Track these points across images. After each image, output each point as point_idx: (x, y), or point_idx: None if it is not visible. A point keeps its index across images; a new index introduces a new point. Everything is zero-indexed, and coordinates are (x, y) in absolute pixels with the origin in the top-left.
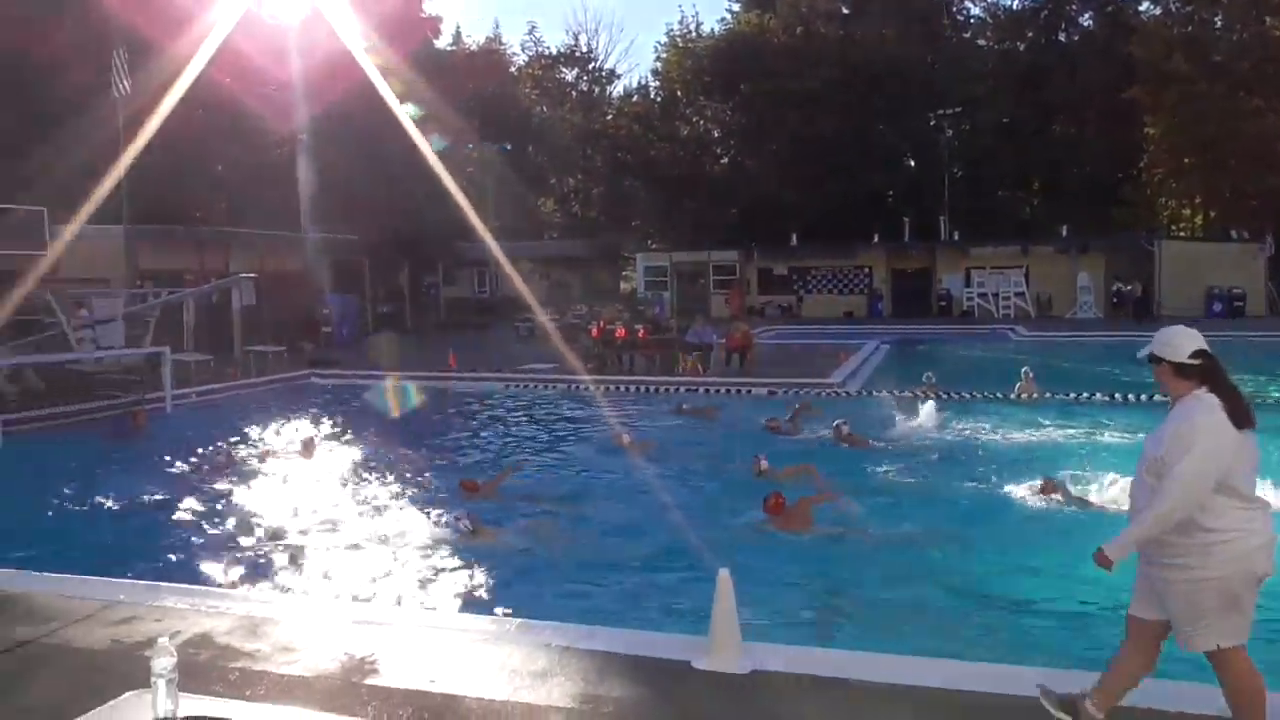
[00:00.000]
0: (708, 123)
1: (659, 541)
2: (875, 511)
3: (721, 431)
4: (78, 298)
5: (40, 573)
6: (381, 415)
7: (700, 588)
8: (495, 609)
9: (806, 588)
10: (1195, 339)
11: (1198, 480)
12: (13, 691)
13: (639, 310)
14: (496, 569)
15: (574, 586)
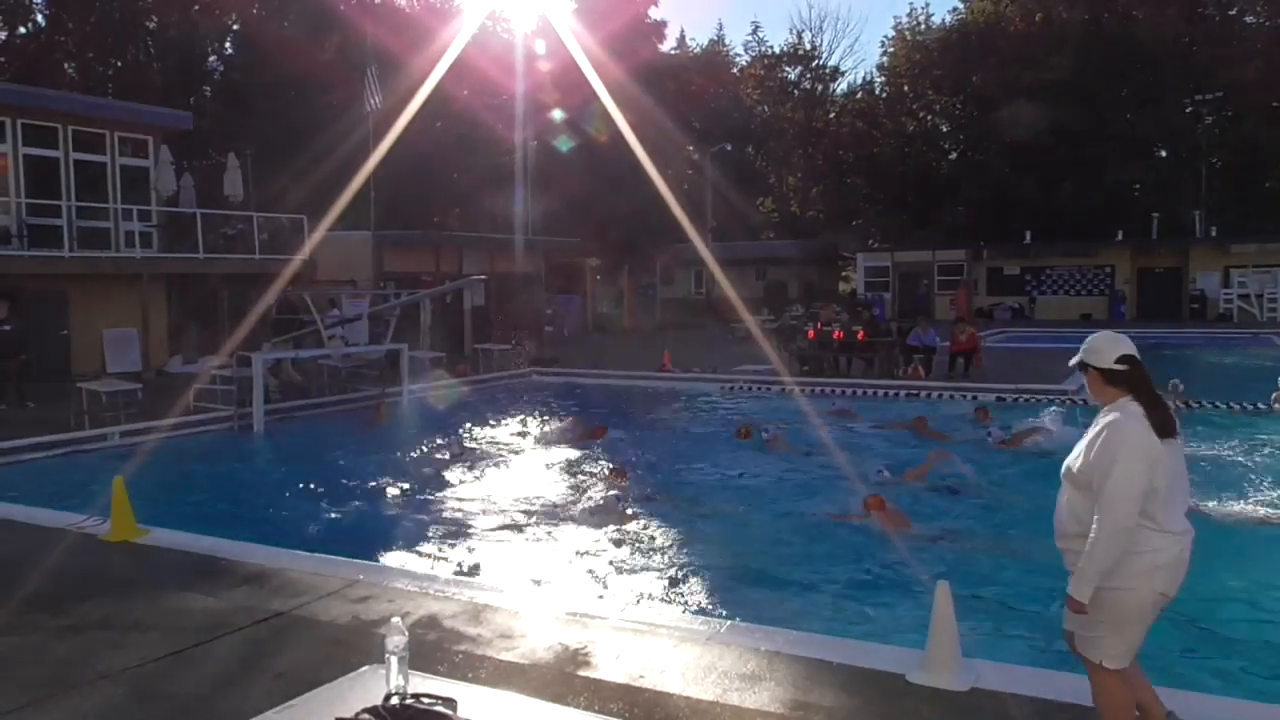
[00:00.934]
0: (935, 117)
1: (868, 547)
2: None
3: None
4: (330, 297)
5: (293, 550)
6: (602, 412)
7: (911, 597)
8: (705, 610)
9: (1027, 604)
10: (1123, 345)
11: (1128, 493)
12: (269, 656)
13: (857, 311)
14: (706, 569)
15: (782, 590)
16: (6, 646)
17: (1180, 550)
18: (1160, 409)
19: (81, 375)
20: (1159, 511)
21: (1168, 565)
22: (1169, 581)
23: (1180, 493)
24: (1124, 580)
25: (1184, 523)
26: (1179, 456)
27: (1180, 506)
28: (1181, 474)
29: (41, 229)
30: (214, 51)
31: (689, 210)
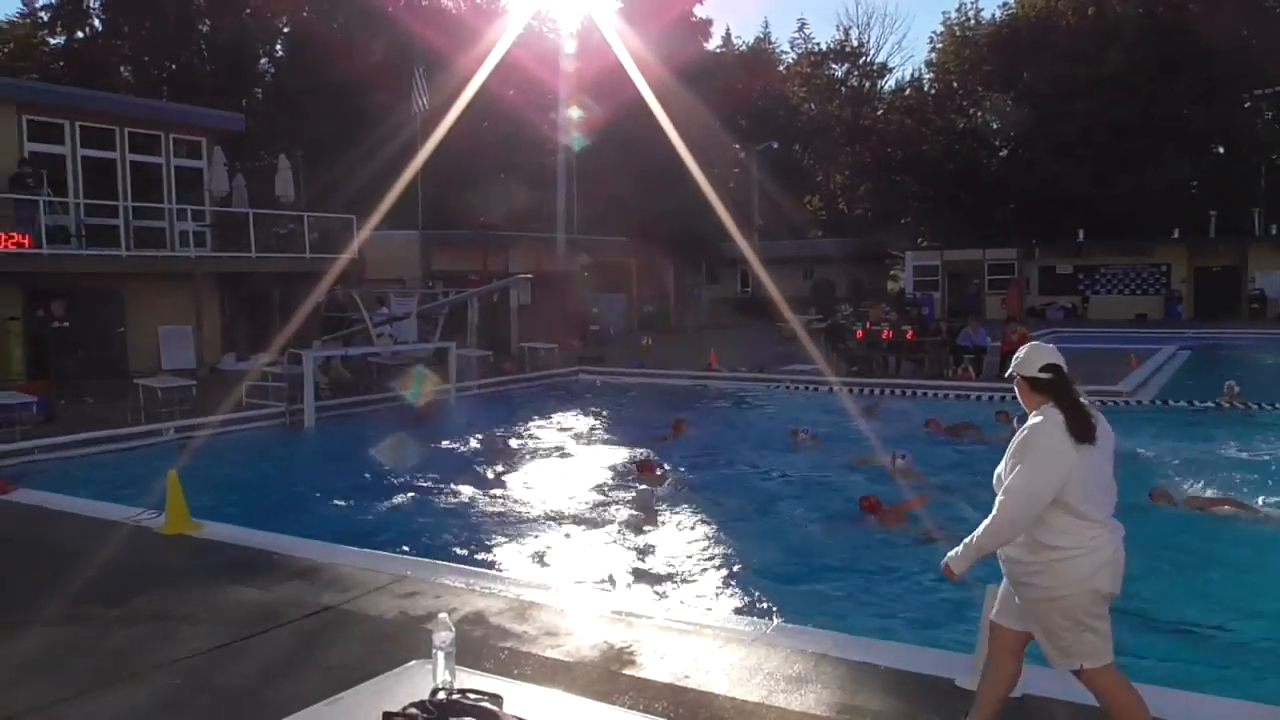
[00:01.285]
0: (985, 114)
1: (915, 549)
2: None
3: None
4: (379, 296)
5: (343, 546)
6: (647, 410)
7: (960, 599)
8: (751, 610)
9: None
10: (1048, 354)
11: (1025, 494)
12: (319, 648)
13: (906, 311)
14: (752, 569)
15: (828, 591)
16: (65, 636)
17: (1114, 549)
18: (1079, 415)
19: (138, 372)
20: (1090, 511)
21: (1109, 562)
22: (1111, 580)
23: (1106, 493)
24: (1058, 588)
25: (1106, 522)
26: (1103, 458)
27: (1105, 506)
28: (1107, 475)
29: (99, 229)
30: (265, 54)
31: (734, 209)
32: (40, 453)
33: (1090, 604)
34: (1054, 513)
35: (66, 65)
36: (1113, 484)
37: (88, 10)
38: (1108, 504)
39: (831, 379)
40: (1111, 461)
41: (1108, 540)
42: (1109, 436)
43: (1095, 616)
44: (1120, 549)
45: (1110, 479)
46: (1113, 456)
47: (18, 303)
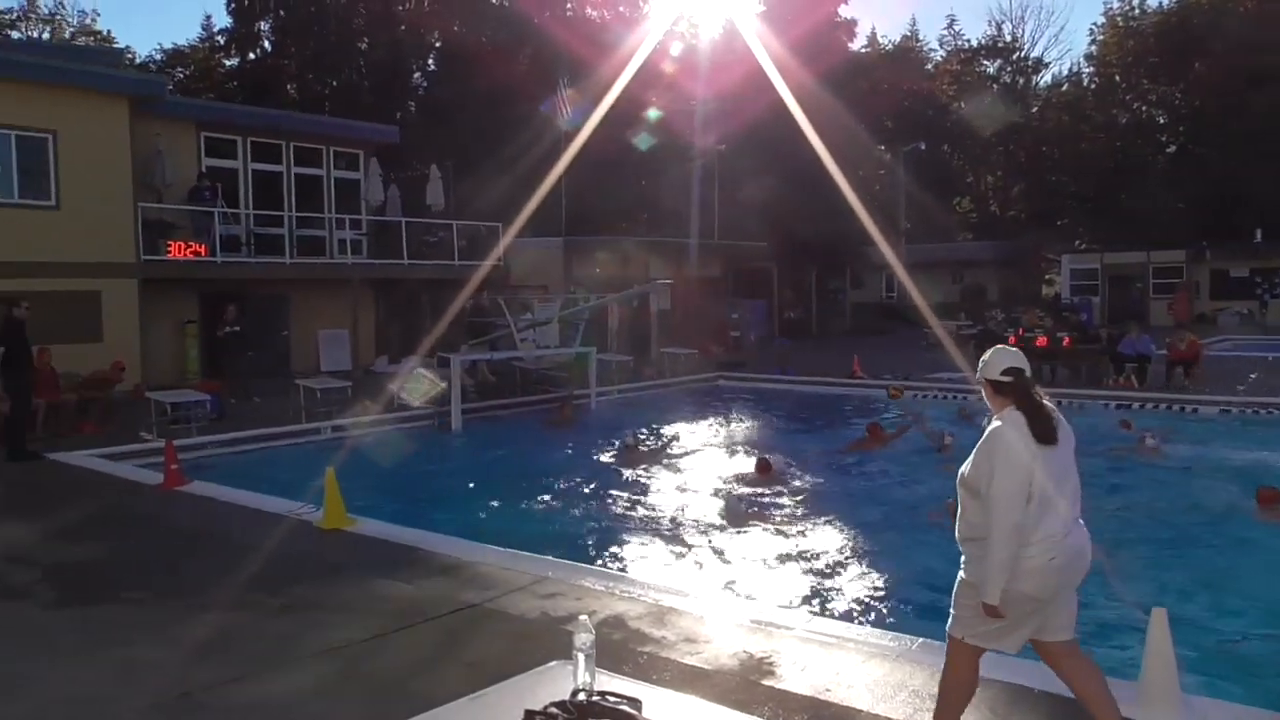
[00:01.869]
0: (1151, 108)
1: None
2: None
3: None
4: (523, 301)
5: (486, 545)
6: (790, 418)
7: (1121, 622)
8: (895, 624)
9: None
10: (1011, 358)
11: (1009, 496)
12: (461, 645)
13: (1063, 316)
14: (897, 582)
15: None
16: (233, 621)
17: (1049, 557)
18: (1040, 418)
19: (299, 372)
20: (1040, 516)
21: (1036, 570)
22: (1037, 585)
23: (1060, 494)
24: (1026, 581)
25: (1057, 526)
26: (1063, 459)
27: (1057, 509)
28: (1065, 476)
29: (266, 238)
30: (417, 68)
31: (879, 212)
32: (212, 448)
33: (1019, 601)
34: (1041, 506)
35: (239, 85)
36: (1072, 482)
37: (259, 33)
38: (1065, 506)
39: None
40: (1070, 460)
41: (1042, 551)
42: (1069, 437)
43: (1019, 610)
44: (1057, 559)
45: (1069, 478)
46: (1071, 456)
47: (194, 308)
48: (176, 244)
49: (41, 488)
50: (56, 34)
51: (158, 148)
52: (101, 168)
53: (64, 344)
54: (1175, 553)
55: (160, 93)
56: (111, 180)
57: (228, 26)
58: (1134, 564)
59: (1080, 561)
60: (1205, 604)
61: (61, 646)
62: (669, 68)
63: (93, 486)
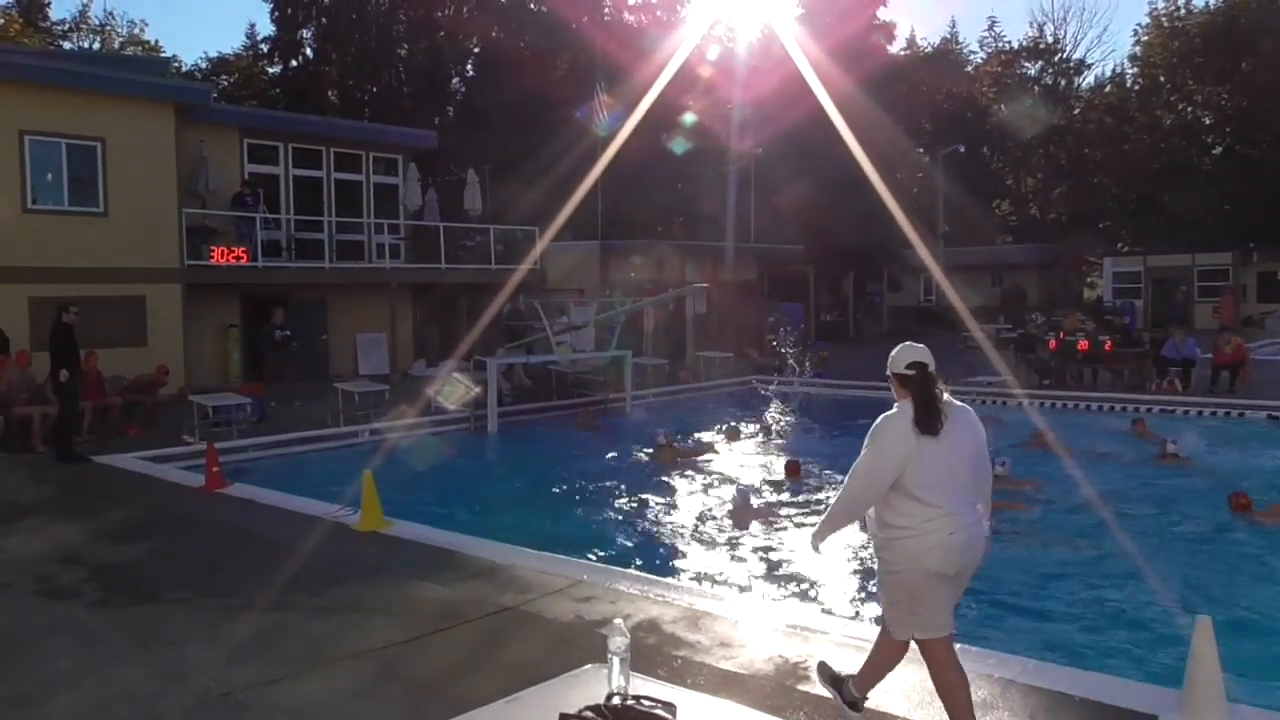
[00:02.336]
0: (1197, 109)
1: (1112, 570)
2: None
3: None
4: (559, 305)
5: (521, 548)
6: (825, 422)
7: (1165, 627)
8: None
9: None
10: (915, 353)
11: (865, 476)
12: (498, 647)
13: (1106, 320)
14: None
15: (1017, 613)
16: (273, 622)
17: (949, 531)
18: (927, 410)
19: (338, 376)
20: (927, 496)
21: (937, 545)
22: (942, 560)
23: (949, 482)
24: (896, 564)
25: (953, 507)
26: (952, 451)
27: (947, 494)
28: (953, 466)
29: (306, 242)
30: (456, 73)
31: (918, 215)
32: (252, 451)
33: (923, 581)
34: (896, 495)
35: (281, 91)
36: (963, 474)
37: (301, 41)
38: (952, 491)
39: (1019, 391)
40: (965, 454)
41: (942, 525)
42: (969, 433)
43: (928, 594)
44: (958, 533)
45: (960, 470)
46: (970, 450)
47: (236, 312)
48: (219, 249)
49: (88, 489)
50: (106, 44)
51: (202, 154)
52: (148, 174)
53: (109, 348)
54: (1215, 559)
55: (205, 100)
56: (157, 187)
57: (271, 35)
58: (1175, 571)
59: (977, 550)
60: (1250, 611)
61: (107, 646)
62: (706, 72)
63: (137, 488)
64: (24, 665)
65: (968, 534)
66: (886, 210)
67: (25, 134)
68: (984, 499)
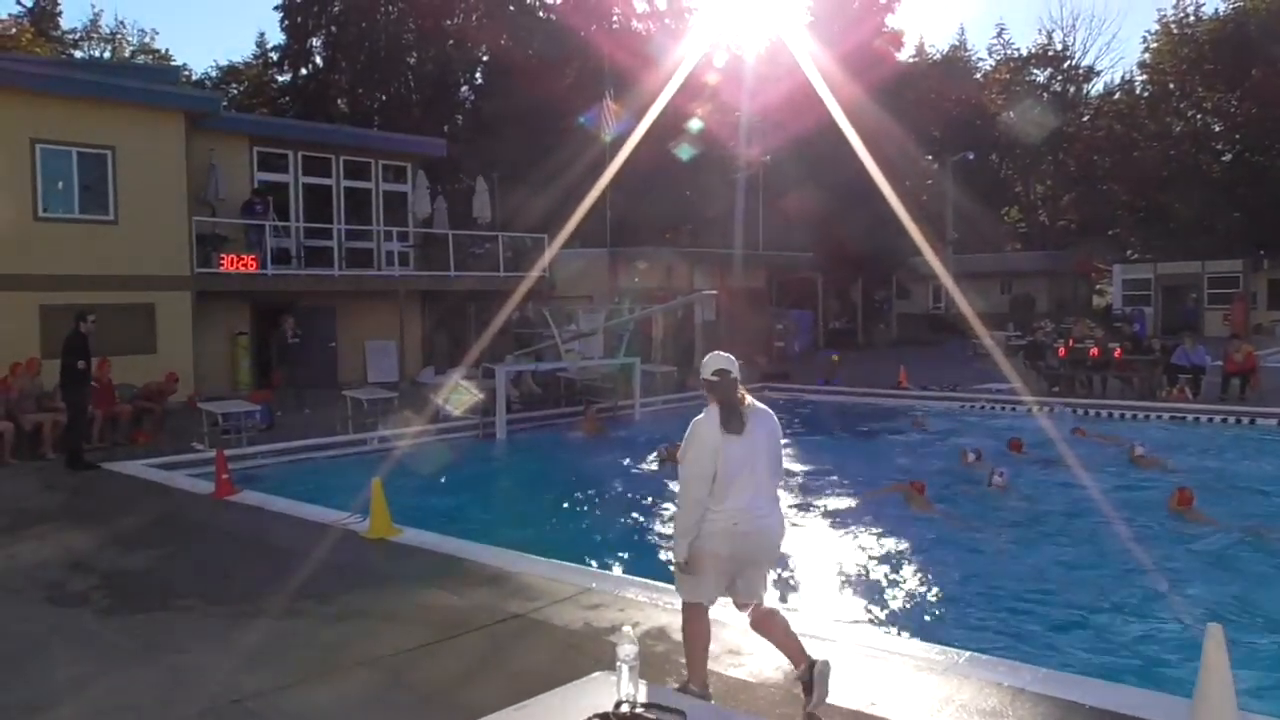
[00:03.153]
0: (1207, 116)
1: (1124, 578)
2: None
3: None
4: (568, 312)
5: (530, 555)
6: (835, 429)
7: (1177, 637)
8: (942, 638)
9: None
10: (721, 361)
11: (691, 480)
12: (506, 656)
13: (1115, 327)
14: (944, 595)
15: (1026, 621)
16: (283, 629)
17: (733, 523)
18: (730, 413)
19: (346, 383)
20: (725, 489)
21: (719, 533)
22: (721, 545)
23: (746, 477)
24: (701, 541)
25: (742, 501)
26: (752, 448)
27: (742, 488)
28: (747, 462)
29: (316, 250)
30: (465, 81)
31: (926, 222)
32: (261, 458)
33: (709, 560)
34: (725, 485)
35: (291, 100)
36: (760, 469)
37: (311, 49)
38: (747, 486)
39: (1029, 398)
40: (762, 451)
41: (727, 518)
42: (767, 432)
43: (710, 568)
44: (741, 525)
45: (758, 465)
46: (766, 448)
47: (246, 319)
48: (229, 257)
49: (98, 496)
50: (117, 53)
51: (212, 162)
52: (158, 183)
53: (119, 355)
54: (1227, 567)
55: (215, 108)
56: (167, 195)
57: (281, 43)
58: (1185, 578)
59: (765, 536)
60: (1262, 618)
61: (116, 652)
62: (714, 80)
63: (147, 495)
64: (34, 672)
65: (753, 526)
66: (895, 218)
67: (36, 142)
68: (773, 485)
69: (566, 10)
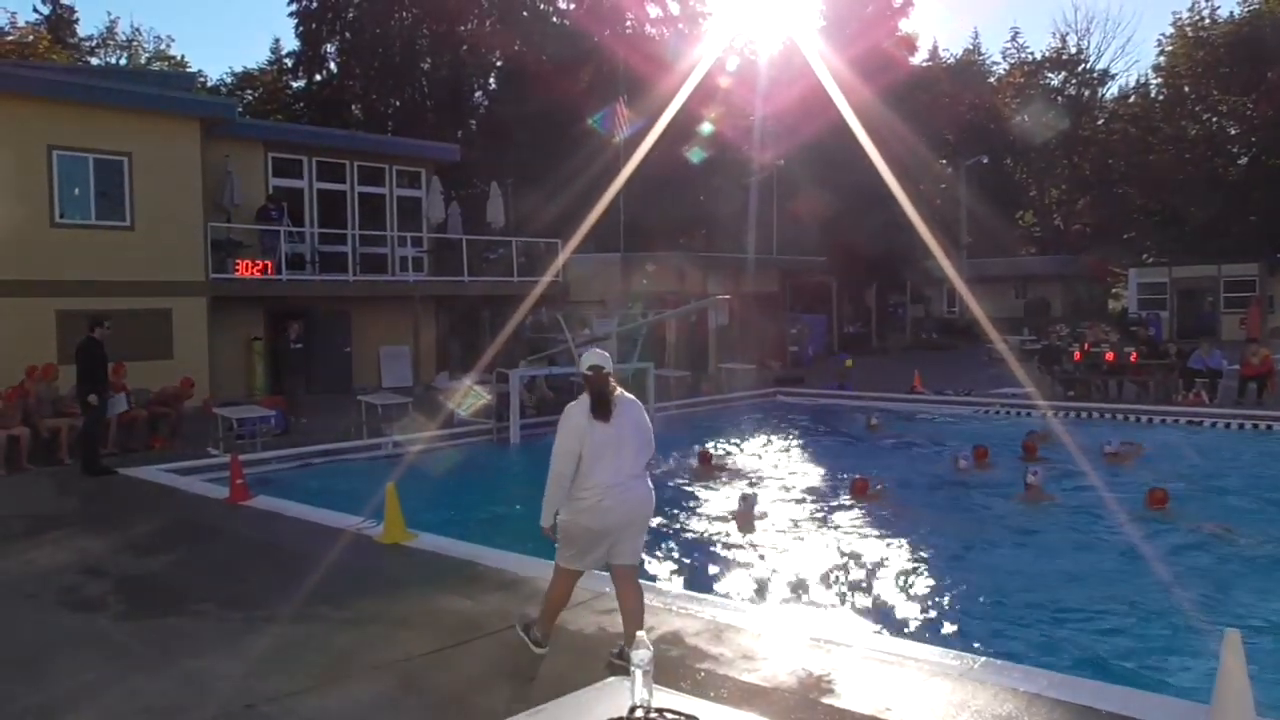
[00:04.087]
0: (1222, 119)
1: (1143, 582)
2: None
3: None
4: (581, 317)
5: (544, 560)
6: (846, 433)
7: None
8: (957, 643)
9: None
10: (595, 359)
11: (558, 456)
12: (520, 661)
13: (1131, 331)
14: (960, 599)
15: (1042, 626)
16: (297, 634)
17: (599, 499)
18: (598, 402)
19: (361, 388)
20: (592, 469)
21: (588, 509)
22: (591, 519)
23: (611, 458)
24: (565, 515)
25: (607, 479)
26: (615, 434)
27: (607, 468)
28: (611, 445)
29: (331, 256)
30: (479, 87)
31: (940, 226)
32: (276, 463)
33: (581, 532)
34: (591, 462)
35: (306, 105)
36: (625, 451)
37: (325, 55)
38: (611, 465)
39: (1043, 404)
40: (628, 435)
41: (594, 495)
42: (632, 420)
43: (581, 539)
44: (606, 500)
45: (624, 447)
46: (631, 433)
47: (261, 325)
48: (244, 262)
49: (113, 501)
50: (133, 59)
51: (228, 168)
52: (174, 189)
53: (136, 361)
54: (1245, 573)
55: (230, 115)
56: (183, 201)
57: (296, 50)
58: (1204, 585)
59: (629, 507)
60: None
61: (131, 657)
62: (727, 83)
63: (162, 500)
64: (49, 676)
65: (616, 500)
66: (909, 222)
67: (53, 149)
68: (637, 465)
69: (580, 15)
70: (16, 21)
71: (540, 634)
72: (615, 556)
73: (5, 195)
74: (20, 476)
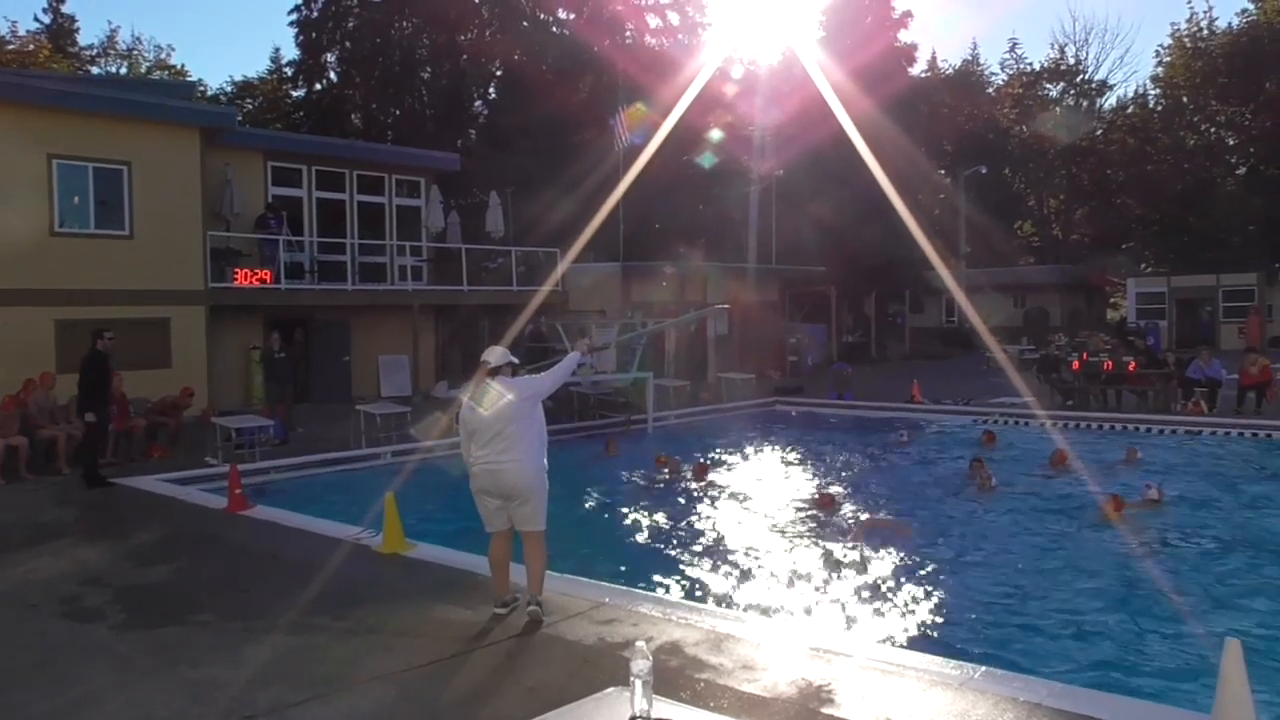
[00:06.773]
0: (1221, 130)
1: (1142, 591)
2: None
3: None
4: (581, 326)
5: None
6: (845, 443)
7: (1195, 652)
8: (957, 652)
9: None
10: (486, 354)
11: (462, 431)
12: (520, 670)
13: (1129, 341)
14: (959, 608)
15: (1042, 635)
16: (295, 644)
17: (480, 468)
18: (479, 391)
19: (360, 397)
20: (477, 444)
21: (477, 474)
22: (480, 487)
23: (486, 434)
24: (472, 481)
25: (482, 452)
26: (493, 415)
27: (483, 443)
28: (492, 425)
29: (330, 265)
30: (478, 96)
31: (939, 236)
32: (275, 472)
33: (481, 496)
34: (469, 440)
35: (305, 114)
36: (509, 429)
37: (325, 64)
38: (486, 441)
39: (1042, 413)
40: (507, 416)
41: (479, 461)
42: (508, 402)
43: (480, 504)
44: (481, 467)
45: (507, 427)
46: (511, 414)
47: (260, 334)
48: (243, 271)
49: (113, 511)
50: (133, 68)
51: (227, 177)
52: (174, 197)
53: (135, 370)
54: (1248, 582)
55: (230, 124)
56: (183, 209)
57: (295, 59)
58: (1205, 594)
59: (506, 475)
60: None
61: (131, 667)
62: (727, 93)
63: (161, 510)
64: (49, 686)
65: (495, 467)
66: (908, 231)
67: (53, 157)
68: (519, 443)
69: (580, 25)
70: (17, 30)
71: (496, 596)
72: (519, 522)
73: (5, 204)
74: (19, 486)
